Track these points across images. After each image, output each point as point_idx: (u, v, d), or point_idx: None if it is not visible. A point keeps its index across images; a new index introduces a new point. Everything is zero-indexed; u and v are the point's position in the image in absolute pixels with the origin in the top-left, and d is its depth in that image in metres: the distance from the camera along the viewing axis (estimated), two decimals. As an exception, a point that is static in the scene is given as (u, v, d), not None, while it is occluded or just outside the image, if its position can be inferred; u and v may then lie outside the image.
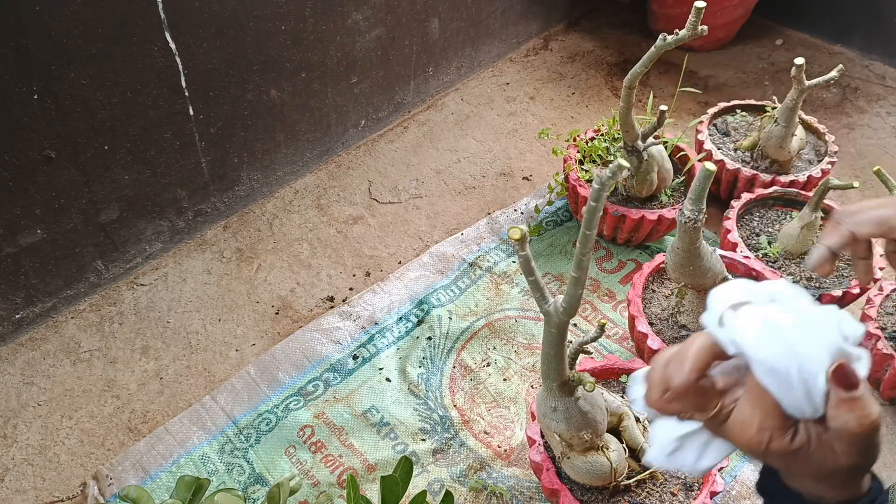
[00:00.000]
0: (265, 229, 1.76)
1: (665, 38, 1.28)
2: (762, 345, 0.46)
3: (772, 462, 0.50)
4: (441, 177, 1.95)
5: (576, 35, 2.58)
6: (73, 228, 1.45)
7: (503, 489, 1.25)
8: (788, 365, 0.45)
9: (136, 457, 1.28)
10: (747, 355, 0.46)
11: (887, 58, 2.42)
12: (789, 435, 0.47)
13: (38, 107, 1.27)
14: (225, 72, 1.54)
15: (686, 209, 1.10)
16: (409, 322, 1.54)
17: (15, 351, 1.47)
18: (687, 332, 1.34)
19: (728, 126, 1.84)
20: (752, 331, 0.46)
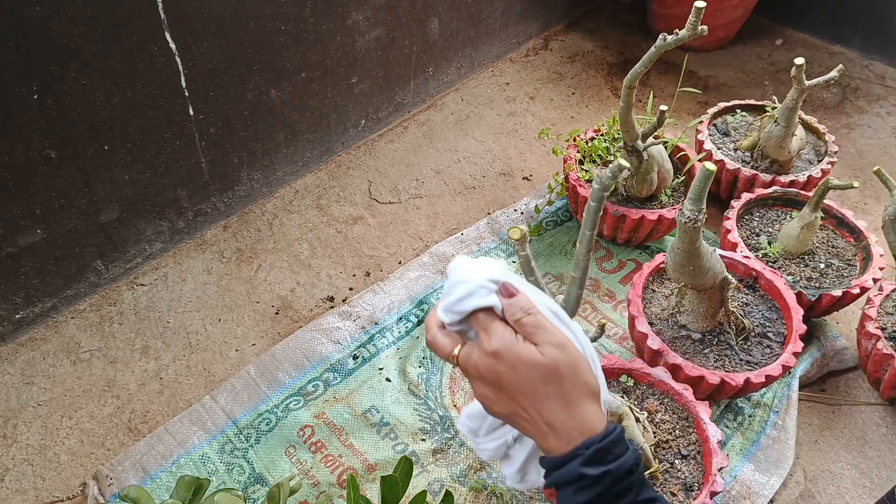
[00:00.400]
0: (265, 229, 1.76)
1: (665, 38, 1.28)
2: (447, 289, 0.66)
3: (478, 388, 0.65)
4: (441, 177, 1.95)
5: (576, 35, 2.58)
6: (73, 228, 1.45)
7: (503, 489, 1.25)
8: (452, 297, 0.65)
9: (136, 457, 1.28)
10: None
11: (887, 58, 2.42)
12: (458, 348, 0.64)
13: (38, 107, 1.27)
14: (225, 72, 1.54)
15: (686, 209, 1.10)
16: (409, 322, 1.54)
17: (15, 351, 1.47)
18: (687, 332, 1.34)
19: (728, 126, 1.84)
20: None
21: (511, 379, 0.61)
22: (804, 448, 1.36)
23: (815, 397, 1.45)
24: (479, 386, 0.64)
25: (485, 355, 0.62)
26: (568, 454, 0.60)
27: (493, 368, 0.61)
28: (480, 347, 0.63)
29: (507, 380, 0.61)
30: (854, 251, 1.53)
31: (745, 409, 1.38)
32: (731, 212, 1.57)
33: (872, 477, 1.32)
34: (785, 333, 1.34)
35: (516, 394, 0.61)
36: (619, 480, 0.60)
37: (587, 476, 0.59)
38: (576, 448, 0.60)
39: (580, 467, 0.59)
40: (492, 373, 0.62)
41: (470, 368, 0.63)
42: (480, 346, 0.63)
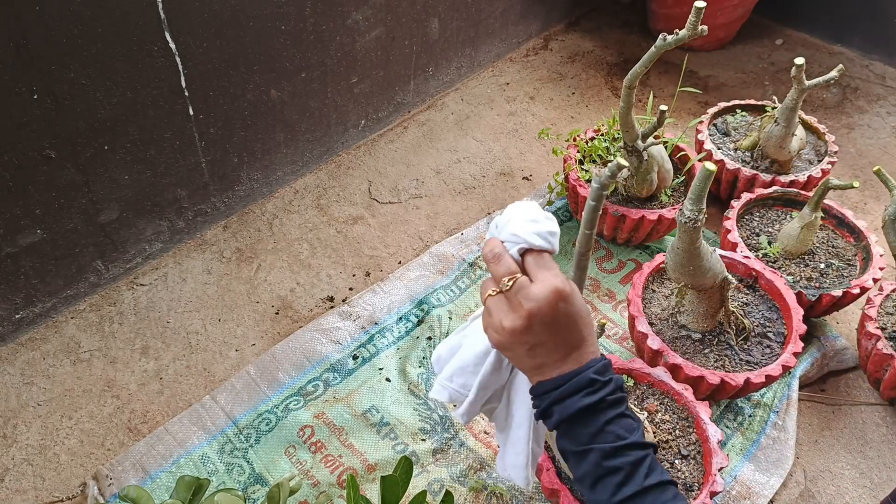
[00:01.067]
0: (265, 229, 1.76)
1: (665, 38, 1.28)
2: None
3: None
4: (441, 177, 1.95)
5: (576, 35, 2.58)
6: (73, 228, 1.45)
7: (503, 489, 1.25)
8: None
9: (136, 457, 1.28)
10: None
11: (887, 58, 2.42)
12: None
13: (38, 107, 1.27)
14: (225, 72, 1.54)
15: (686, 209, 1.10)
16: (409, 322, 1.54)
17: (15, 351, 1.47)
18: (687, 332, 1.34)
19: (728, 126, 1.84)
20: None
21: (566, 314, 0.69)
22: (804, 448, 1.36)
23: (815, 397, 1.45)
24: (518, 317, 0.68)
25: (549, 290, 0.68)
26: (582, 367, 0.70)
27: (554, 303, 0.68)
28: (546, 282, 0.68)
29: (562, 315, 0.68)
30: (854, 251, 1.53)
31: (745, 409, 1.38)
32: (731, 212, 1.57)
33: (872, 477, 1.32)
34: (785, 333, 1.34)
35: (556, 329, 0.69)
36: (617, 389, 0.71)
37: (597, 381, 0.70)
38: (588, 362, 0.71)
39: (592, 374, 0.70)
40: (550, 306, 0.68)
41: (522, 297, 0.68)
42: (546, 281, 0.69)
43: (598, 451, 0.69)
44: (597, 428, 0.69)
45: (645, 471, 0.69)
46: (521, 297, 0.68)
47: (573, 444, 0.70)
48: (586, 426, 0.69)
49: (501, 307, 0.70)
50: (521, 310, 0.68)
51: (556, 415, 0.70)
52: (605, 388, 0.70)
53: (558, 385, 0.70)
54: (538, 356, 0.70)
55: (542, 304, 0.67)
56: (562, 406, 0.70)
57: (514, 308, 0.69)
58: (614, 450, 0.68)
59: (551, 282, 0.68)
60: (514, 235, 0.70)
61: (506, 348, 0.71)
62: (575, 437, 0.70)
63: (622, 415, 0.71)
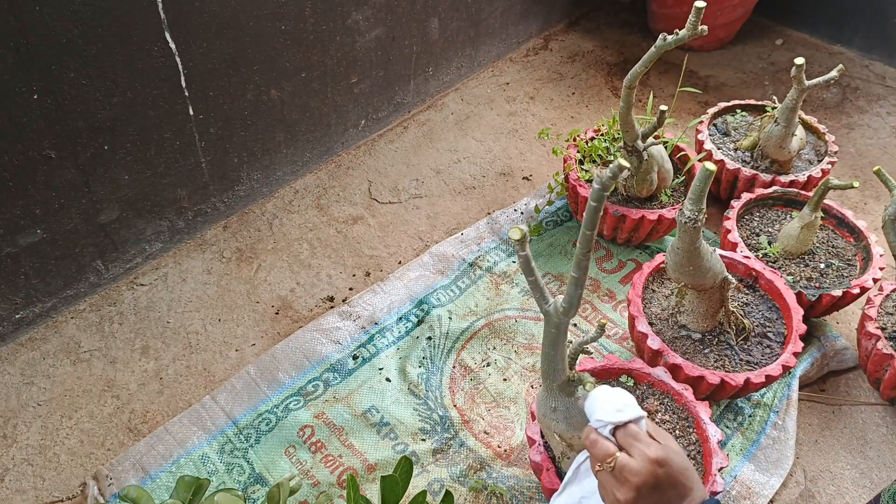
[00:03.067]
0: (265, 229, 1.76)
1: (665, 38, 1.28)
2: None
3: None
4: (441, 177, 1.95)
5: (576, 35, 2.58)
6: (73, 228, 1.45)
7: (503, 489, 1.25)
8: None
9: (136, 457, 1.28)
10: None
11: (887, 58, 2.42)
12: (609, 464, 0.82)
13: (38, 107, 1.27)
14: (225, 72, 1.54)
15: (686, 209, 1.10)
16: (409, 322, 1.54)
17: (15, 351, 1.47)
18: (687, 332, 1.34)
19: (728, 126, 1.85)
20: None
21: (668, 476, 0.79)
22: (804, 448, 1.36)
23: (815, 397, 1.45)
24: (628, 490, 0.79)
25: (647, 461, 0.79)
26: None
27: (654, 471, 0.79)
28: (641, 454, 0.80)
29: (664, 479, 0.79)
30: (854, 251, 1.54)
31: (745, 409, 1.38)
32: (731, 212, 1.57)
33: (872, 477, 1.32)
34: (785, 333, 1.34)
35: (665, 487, 0.79)
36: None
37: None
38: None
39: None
40: (652, 475, 0.78)
41: (626, 473, 0.79)
42: (640, 454, 0.80)
43: None
44: None
45: None
46: (625, 473, 0.79)
47: None
48: None
49: (611, 482, 0.81)
50: (628, 483, 0.79)
51: None
52: None
53: None
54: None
55: (644, 476, 0.78)
56: None
57: (623, 482, 0.80)
58: None
59: (645, 453, 0.80)
60: (599, 421, 0.84)
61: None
62: None
63: None
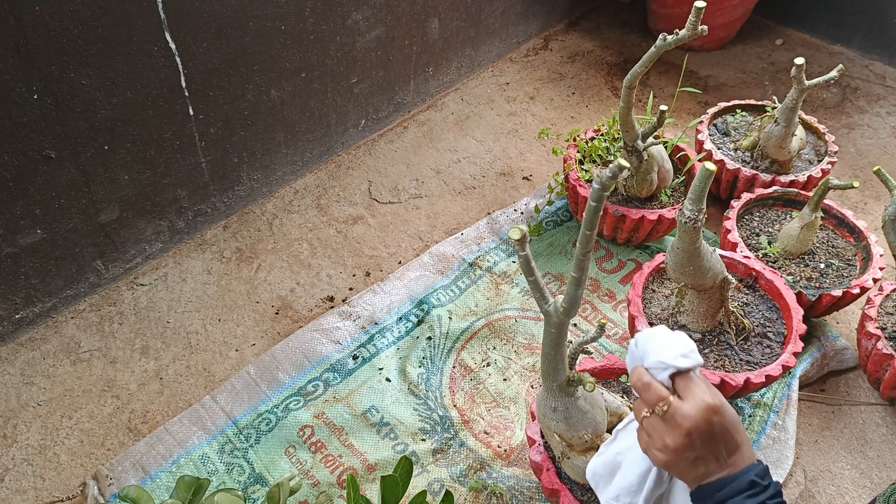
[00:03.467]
0: (265, 229, 1.76)
1: (665, 38, 1.28)
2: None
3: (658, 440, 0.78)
4: (441, 177, 1.95)
5: (576, 35, 2.58)
6: (73, 228, 1.45)
7: (503, 489, 1.25)
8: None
9: (136, 457, 1.28)
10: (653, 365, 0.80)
11: (887, 58, 2.42)
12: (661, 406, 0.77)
13: (38, 107, 1.27)
14: (225, 72, 1.54)
15: (686, 209, 1.10)
16: (409, 322, 1.54)
17: (15, 351, 1.47)
18: (687, 332, 1.34)
19: (728, 126, 1.84)
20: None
21: (721, 426, 0.75)
22: (804, 448, 1.36)
23: (815, 397, 1.45)
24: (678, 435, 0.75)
25: (703, 406, 0.75)
26: (743, 470, 0.75)
27: (709, 418, 0.74)
28: (697, 400, 0.75)
29: (717, 427, 0.74)
30: (854, 251, 1.54)
31: (745, 409, 1.38)
32: (731, 212, 1.57)
33: (872, 477, 1.32)
34: (785, 333, 1.34)
35: (715, 441, 0.75)
36: (776, 495, 0.75)
37: (758, 483, 0.74)
38: (748, 466, 0.76)
39: (753, 476, 0.74)
40: (706, 422, 0.74)
41: (679, 418, 0.75)
42: (696, 398, 0.75)
43: None
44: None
45: None
46: (678, 417, 0.75)
47: None
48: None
49: (660, 428, 0.77)
50: (679, 428, 0.75)
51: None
52: (766, 491, 0.75)
53: (721, 486, 0.75)
54: (700, 467, 0.76)
55: (698, 421, 0.74)
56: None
57: (673, 428, 0.76)
58: None
59: (702, 399, 0.75)
60: (660, 363, 0.78)
61: (671, 466, 0.77)
62: None
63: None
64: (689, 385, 0.77)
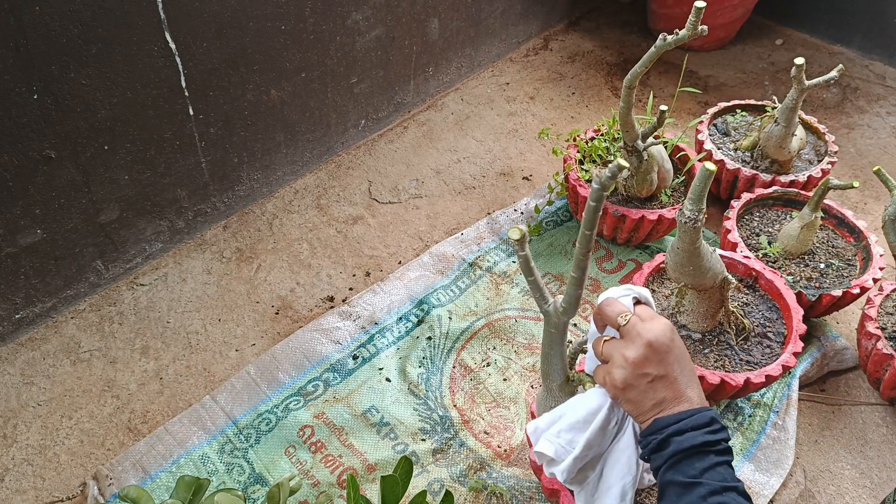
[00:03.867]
0: (265, 229, 1.76)
1: (665, 38, 1.28)
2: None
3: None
4: (441, 177, 1.95)
5: (576, 35, 2.58)
6: (73, 228, 1.45)
7: (503, 489, 1.25)
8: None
9: (136, 457, 1.28)
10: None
11: (887, 58, 2.42)
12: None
13: (38, 107, 1.27)
14: (225, 72, 1.54)
15: (686, 209, 1.10)
16: (409, 322, 1.54)
17: (15, 351, 1.47)
18: (687, 332, 1.34)
19: (728, 126, 1.84)
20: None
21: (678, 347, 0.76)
22: (804, 448, 1.36)
23: (815, 397, 1.45)
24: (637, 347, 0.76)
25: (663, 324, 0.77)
26: (701, 406, 0.76)
27: (669, 335, 0.76)
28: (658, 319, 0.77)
29: (677, 347, 0.76)
30: (854, 251, 1.54)
31: (745, 409, 1.38)
32: (731, 212, 1.57)
33: (872, 477, 1.32)
34: (785, 333, 1.34)
35: (673, 361, 0.76)
36: (729, 439, 0.76)
37: (716, 422, 0.75)
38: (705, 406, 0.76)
39: (713, 415, 0.76)
40: (666, 336, 0.76)
41: (640, 328, 0.76)
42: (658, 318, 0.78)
43: (708, 486, 0.72)
44: (710, 464, 0.73)
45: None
46: (638, 329, 0.76)
47: (682, 475, 0.73)
48: (701, 460, 0.73)
49: (619, 346, 0.78)
50: (640, 339, 0.76)
51: (673, 446, 0.74)
52: (722, 432, 0.75)
53: (679, 419, 0.75)
54: (658, 390, 0.76)
55: (658, 334, 0.75)
56: (681, 438, 0.74)
57: (633, 340, 0.76)
58: (723, 489, 0.72)
59: (663, 319, 0.78)
60: (628, 289, 0.81)
61: (629, 385, 0.76)
62: (685, 470, 0.74)
63: (730, 464, 0.75)
64: (650, 311, 0.80)
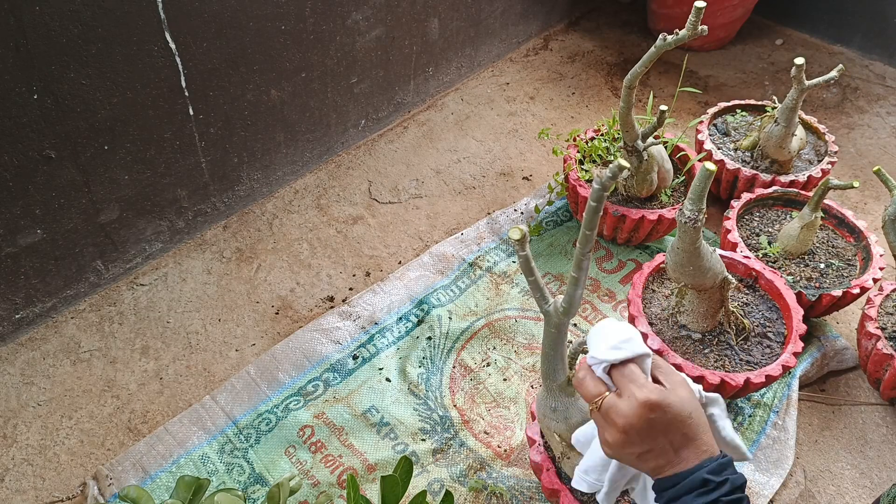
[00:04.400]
0: (265, 229, 1.76)
1: (665, 38, 1.28)
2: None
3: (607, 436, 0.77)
4: (441, 177, 1.95)
5: (576, 35, 2.58)
6: (73, 228, 1.45)
7: (503, 489, 1.25)
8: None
9: (136, 457, 1.28)
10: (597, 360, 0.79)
11: (887, 58, 2.42)
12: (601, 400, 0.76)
13: (38, 107, 1.27)
14: (225, 72, 1.54)
15: (686, 209, 1.10)
16: (409, 322, 1.54)
17: (15, 351, 1.47)
18: (687, 332, 1.34)
19: (728, 126, 1.84)
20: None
21: (662, 422, 0.72)
22: (804, 448, 1.36)
23: (815, 397, 1.45)
24: (615, 432, 0.74)
25: (636, 404, 0.72)
26: (695, 466, 0.72)
27: (643, 415, 0.72)
28: (631, 396, 0.73)
29: (658, 424, 0.72)
30: (854, 251, 1.54)
31: (745, 409, 1.38)
32: (731, 212, 1.57)
33: (872, 477, 1.32)
34: (785, 333, 1.34)
35: (657, 435, 0.73)
36: (734, 490, 0.72)
37: (711, 481, 0.71)
38: (701, 462, 0.73)
39: (706, 474, 0.72)
40: (641, 419, 0.72)
41: (613, 415, 0.74)
42: (630, 395, 0.73)
43: None
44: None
45: None
46: (612, 414, 0.74)
47: None
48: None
49: (601, 423, 0.77)
50: (615, 426, 0.74)
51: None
52: (719, 488, 0.72)
53: (674, 483, 0.73)
54: (649, 461, 0.74)
55: (631, 419, 0.72)
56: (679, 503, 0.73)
57: (610, 424, 0.75)
58: None
59: (636, 395, 0.73)
60: (593, 358, 0.77)
61: (620, 457, 0.77)
62: None
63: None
64: (623, 380, 0.75)
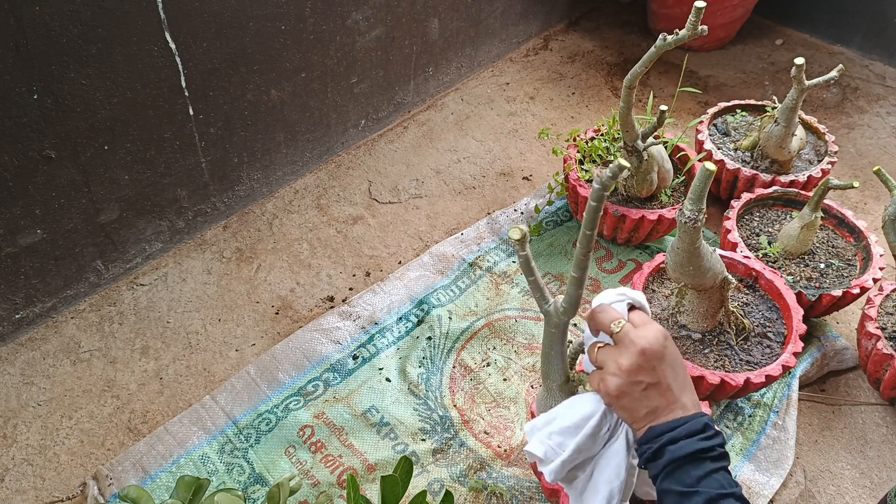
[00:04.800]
0: (265, 229, 1.76)
1: (665, 38, 1.28)
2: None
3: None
4: (441, 177, 1.95)
5: (576, 35, 2.58)
6: (73, 228, 1.45)
7: (503, 489, 1.25)
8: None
9: (136, 457, 1.28)
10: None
11: (887, 58, 2.42)
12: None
13: (38, 107, 1.27)
14: (225, 72, 1.54)
15: (686, 209, 1.10)
16: (409, 322, 1.54)
17: (15, 351, 1.47)
18: (687, 332, 1.34)
19: (728, 126, 1.85)
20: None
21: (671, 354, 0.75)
22: (804, 448, 1.36)
23: (815, 397, 1.45)
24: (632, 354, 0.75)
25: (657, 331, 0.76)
26: (695, 413, 0.75)
27: (663, 342, 0.75)
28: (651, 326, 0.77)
29: (670, 353, 0.75)
30: (854, 251, 1.54)
31: (745, 409, 1.38)
32: (731, 212, 1.57)
33: (872, 477, 1.32)
34: (785, 333, 1.34)
35: (666, 368, 0.75)
36: (724, 444, 0.75)
37: (710, 428, 0.74)
38: (698, 412, 0.76)
39: (707, 421, 0.74)
40: (660, 344, 0.75)
41: (633, 335, 0.76)
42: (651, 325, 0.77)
43: (705, 494, 0.72)
44: (705, 472, 0.73)
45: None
46: (632, 336, 0.76)
47: (678, 484, 0.73)
48: (696, 468, 0.73)
49: (613, 353, 0.77)
50: (633, 347, 0.75)
51: (667, 455, 0.73)
52: (716, 437, 0.75)
53: (673, 427, 0.75)
54: (652, 398, 0.75)
55: (651, 341, 0.75)
56: (675, 447, 0.74)
57: (627, 347, 0.76)
58: (720, 496, 0.72)
59: (656, 325, 0.77)
60: (621, 295, 0.80)
61: (622, 392, 0.76)
62: (682, 479, 0.73)
63: (727, 469, 0.75)
64: (643, 317, 0.80)
